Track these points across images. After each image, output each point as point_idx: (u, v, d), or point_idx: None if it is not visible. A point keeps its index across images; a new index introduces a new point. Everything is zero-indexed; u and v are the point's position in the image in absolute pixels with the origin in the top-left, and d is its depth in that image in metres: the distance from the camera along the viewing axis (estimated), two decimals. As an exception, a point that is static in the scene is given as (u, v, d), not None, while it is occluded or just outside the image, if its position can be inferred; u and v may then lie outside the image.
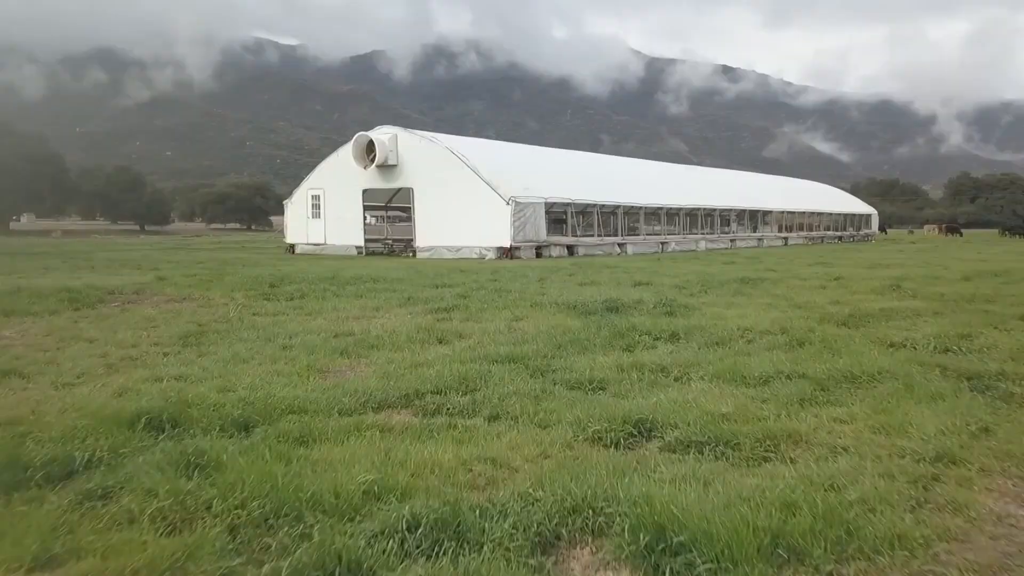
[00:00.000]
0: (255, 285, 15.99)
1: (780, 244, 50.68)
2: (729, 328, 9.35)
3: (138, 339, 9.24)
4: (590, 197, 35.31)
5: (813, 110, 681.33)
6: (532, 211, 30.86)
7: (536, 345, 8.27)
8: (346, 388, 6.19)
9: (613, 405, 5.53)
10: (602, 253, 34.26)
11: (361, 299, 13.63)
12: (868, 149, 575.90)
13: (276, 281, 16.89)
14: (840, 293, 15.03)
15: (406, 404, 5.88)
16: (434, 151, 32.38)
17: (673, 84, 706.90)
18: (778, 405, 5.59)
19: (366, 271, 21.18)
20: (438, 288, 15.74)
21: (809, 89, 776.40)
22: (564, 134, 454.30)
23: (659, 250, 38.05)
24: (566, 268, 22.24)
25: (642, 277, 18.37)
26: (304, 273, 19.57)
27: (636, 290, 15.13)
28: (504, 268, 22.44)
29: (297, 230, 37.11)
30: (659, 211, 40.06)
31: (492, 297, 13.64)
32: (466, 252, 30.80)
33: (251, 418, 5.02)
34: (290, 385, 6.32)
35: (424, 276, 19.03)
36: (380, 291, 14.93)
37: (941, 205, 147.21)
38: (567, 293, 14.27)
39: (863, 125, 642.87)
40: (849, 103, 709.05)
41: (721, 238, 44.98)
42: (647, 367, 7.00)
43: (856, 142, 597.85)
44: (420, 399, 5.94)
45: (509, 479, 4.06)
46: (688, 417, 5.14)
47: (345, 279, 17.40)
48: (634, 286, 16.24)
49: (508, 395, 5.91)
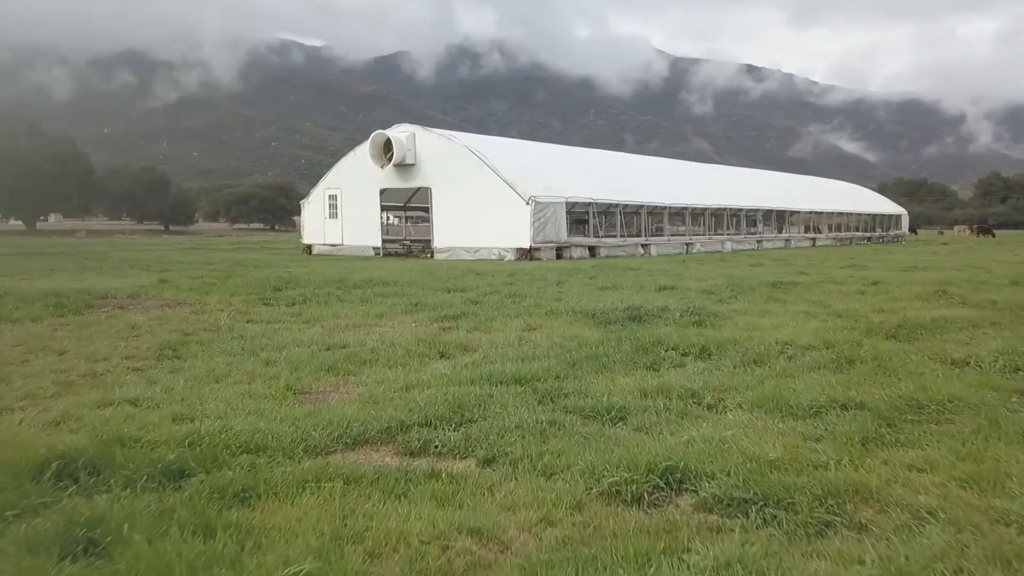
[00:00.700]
0: (258, 289, 15.17)
1: (808, 245, 49.19)
2: (766, 342, 8.33)
3: (112, 351, 8.41)
4: (613, 197, 34.23)
5: (839, 109, 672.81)
6: (552, 211, 29.87)
7: (547, 362, 7.31)
8: (321, 417, 5.28)
9: (635, 445, 4.57)
10: (625, 254, 33.18)
11: (366, 305, 12.74)
12: (895, 149, 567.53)
13: (282, 284, 16.08)
14: (882, 300, 13.91)
15: (387, 439, 4.95)
16: (453, 150, 31.48)
17: (697, 84, 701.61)
18: (836, 446, 4.59)
19: (378, 274, 20.33)
20: (449, 292, 14.82)
21: (835, 88, 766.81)
22: (587, 134, 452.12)
23: (684, 251, 36.88)
24: (587, 270, 21.23)
25: (667, 281, 17.33)
26: (313, 276, 18.75)
27: (661, 295, 14.11)
28: (522, 270, 21.48)
29: (314, 230, 36.36)
30: (684, 211, 38.86)
31: (505, 303, 12.69)
32: (484, 253, 29.89)
33: (189, 464, 4.09)
34: (257, 413, 5.42)
35: (437, 279, 18.12)
36: (388, 296, 14.04)
37: (971, 205, 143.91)
38: (586, 299, 13.28)
39: (890, 124, 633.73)
40: (876, 102, 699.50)
41: (747, 239, 43.65)
42: (675, 391, 6.02)
43: (883, 142, 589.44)
44: (405, 433, 5.01)
45: (495, 565, 3.11)
46: (727, 463, 4.17)
47: (354, 283, 16.54)
48: (658, 291, 15.21)
49: (509, 429, 4.96)
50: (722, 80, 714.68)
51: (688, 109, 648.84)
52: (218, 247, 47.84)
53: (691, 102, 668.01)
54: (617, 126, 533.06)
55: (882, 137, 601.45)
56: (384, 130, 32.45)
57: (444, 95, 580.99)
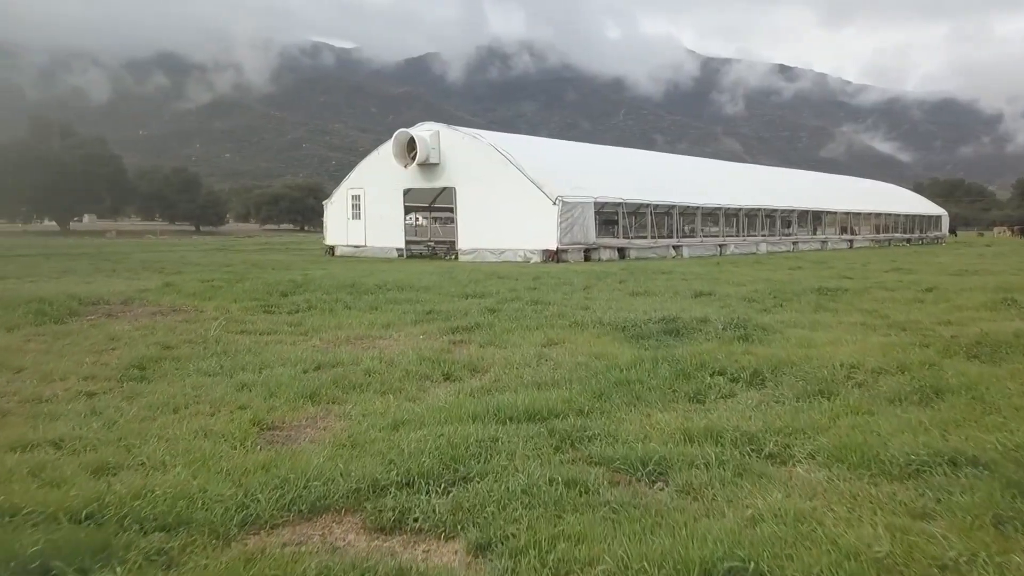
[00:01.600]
0: (264, 294, 14.16)
1: (845, 247, 47.33)
2: (827, 362, 7.06)
3: (75, 369, 7.37)
4: (643, 196, 32.88)
5: (872, 109, 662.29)
6: (580, 211, 28.63)
7: (569, 390, 6.13)
8: (278, 470, 4.16)
9: (682, 525, 3.38)
10: (656, 256, 31.82)
11: (374, 313, 11.64)
12: (930, 149, 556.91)
13: (291, 289, 15.06)
14: (944, 309, 12.51)
15: (355, 505, 3.80)
16: (478, 148, 30.35)
17: (728, 84, 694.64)
18: (960, 530, 3.35)
19: (395, 276, 19.29)
20: (467, 299, 13.67)
21: (868, 88, 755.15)
22: (617, 134, 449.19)
23: (717, 253, 35.39)
24: (616, 274, 19.98)
25: (703, 286, 16.02)
26: (327, 279, 17.74)
27: (698, 303, 12.83)
28: (547, 273, 20.29)
29: (337, 231, 35.38)
30: (717, 212, 37.34)
31: (526, 312, 11.50)
32: (510, 255, 28.74)
33: (56, 561, 2.96)
34: (200, 462, 4.30)
35: (456, 283, 17.00)
36: (400, 302, 12.93)
37: (1009, 206, 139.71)
38: (616, 307, 12.05)
39: (925, 124, 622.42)
40: (910, 102, 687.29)
41: (783, 240, 41.96)
42: (728, 435, 4.80)
43: (917, 142, 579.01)
44: (379, 496, 3.86)
45: None
46: (816, 562, 2.96)
47: (367, 287, 15.47)
48: (695, 297, 13.92)
49: (514, 495, 3.78)
50: (754, 80, 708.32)
51: (719, 109, 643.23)
52: (242, 248, 47.22)
53: (722, 102, 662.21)
54: (647, 126, 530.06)
55: (916, 137, 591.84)
56: (408, 128, 31.41)
57: (473, 96, 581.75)
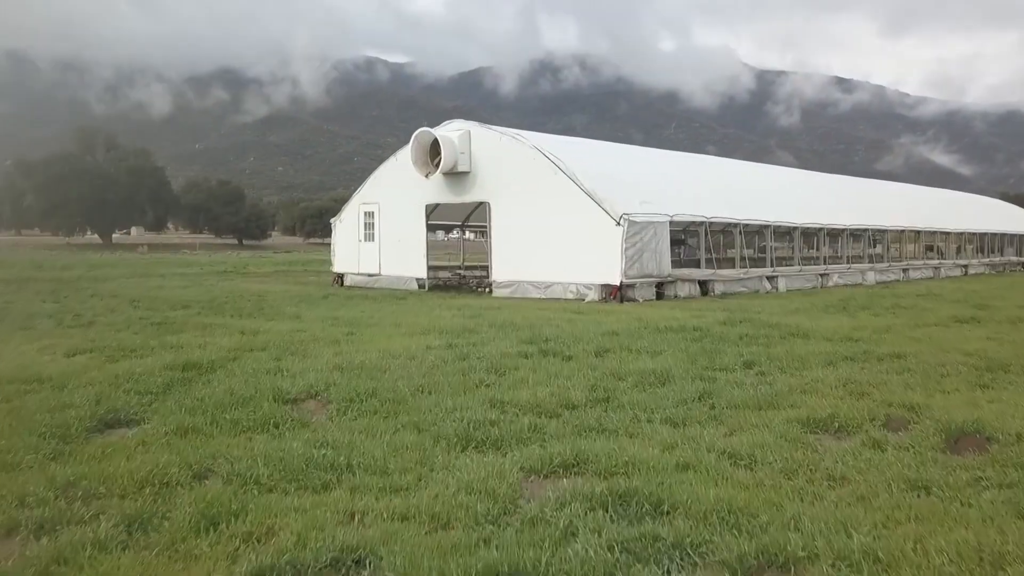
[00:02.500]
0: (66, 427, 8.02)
1: (959, 273, 39.64)
2: None
3: None
4: (729, 214, 26.04)
5: (932, 121, 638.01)
6: (652, 233, 21.99)
7: None
8: None
9: None
10: (746, 290, 24.97)
11: (325, 496, 5.37)
12: (992, 162, 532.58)
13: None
14: None
15: None
16: (519, 153, 23.77)
17: (784, 95, 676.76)
18: None
19: (388, 339, 13.12)
20: (492, 408, 7.30)
21: (928, 100, 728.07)
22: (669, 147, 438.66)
23: (818, 284, 28.38)
24: (730, 339, 13.34)
25: (881, 348, 9.38)
26: (247, 368, 11.62)
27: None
28: (616, 327, 13.78)
29: (347, 256, 28.84)
30: (818, 232, 30.24)
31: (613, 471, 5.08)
32: (558, 290, 22.26)
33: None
34: None
35: (476, 359, 10.65)
36: (369, 435, 6.63)
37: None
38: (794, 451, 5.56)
39: (987, 137, 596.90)
40: (972, 113, 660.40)
41: (892, 267, 34.53)
42: None
43: (979, 155, 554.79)
44: None
45: None
46: None
47: (317, 386, 9.22)
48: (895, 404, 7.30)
49: None
50: (810, 92, 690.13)
51: (773, 121, 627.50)
52: (256, 269, 41.72)
53: (777, 114, 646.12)
54: (699, 139, 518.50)
55: (978, 150, 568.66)
56: (431, 128, 25.10)
57: (525, 110, 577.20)
